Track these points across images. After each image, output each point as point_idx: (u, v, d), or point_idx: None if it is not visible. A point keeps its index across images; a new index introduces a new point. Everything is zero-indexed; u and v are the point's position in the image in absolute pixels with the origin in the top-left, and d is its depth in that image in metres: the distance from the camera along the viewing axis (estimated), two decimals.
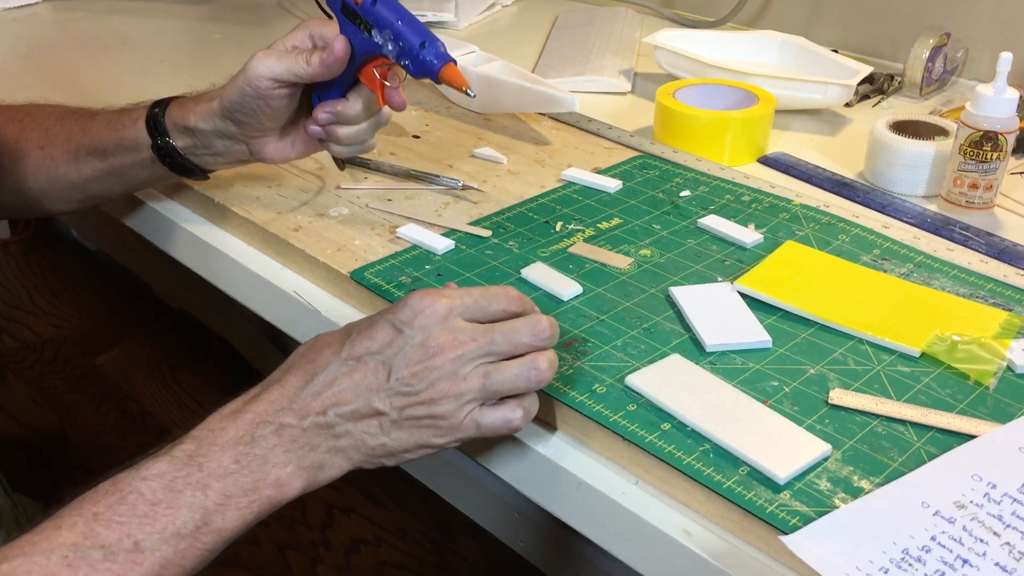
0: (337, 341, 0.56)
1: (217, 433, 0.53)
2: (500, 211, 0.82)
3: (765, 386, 0.61)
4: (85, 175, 0.78)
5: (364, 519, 1.61)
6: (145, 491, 0.51)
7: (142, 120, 0.75)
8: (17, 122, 0.80)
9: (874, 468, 0.55)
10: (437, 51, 0.65)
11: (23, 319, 2.11)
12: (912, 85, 1.12)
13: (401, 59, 0.66)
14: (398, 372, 0.55)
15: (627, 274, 0.73)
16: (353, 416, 0.55)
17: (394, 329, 0.55)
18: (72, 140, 0.77)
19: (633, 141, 0.95)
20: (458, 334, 0.55)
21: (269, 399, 0.55)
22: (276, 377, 0.56)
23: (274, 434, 0.54)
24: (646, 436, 0.57)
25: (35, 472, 1.73)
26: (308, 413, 0.55)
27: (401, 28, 0.65)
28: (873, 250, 0.77)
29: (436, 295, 0.56)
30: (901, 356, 0.64)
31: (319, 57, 0.68)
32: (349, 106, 0.71)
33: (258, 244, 0.80)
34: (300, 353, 0.57)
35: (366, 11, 0.66)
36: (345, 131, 0.72)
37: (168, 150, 0.75)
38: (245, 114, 0.71)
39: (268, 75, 0.69)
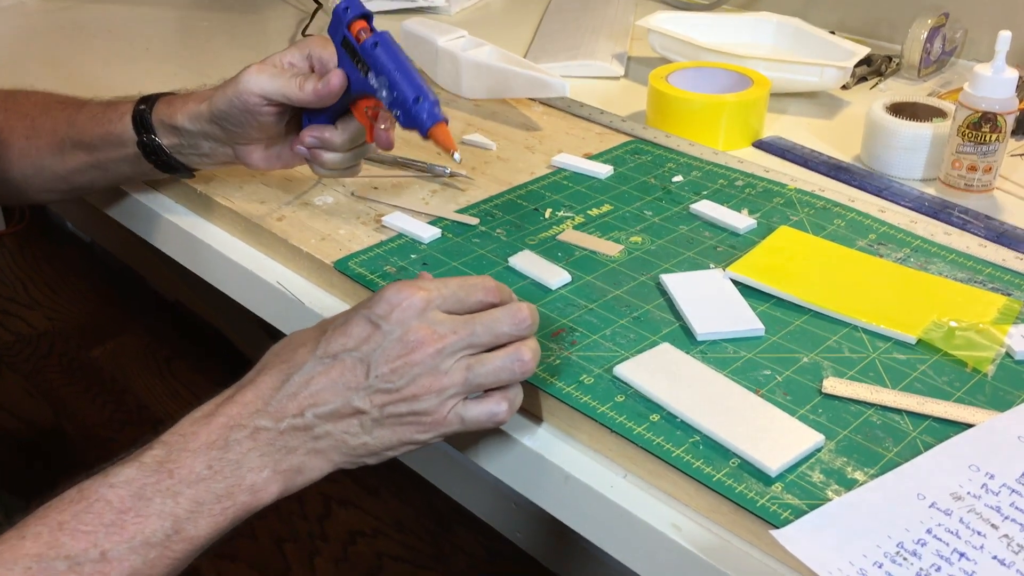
0: (312, 339, 0.55)
1: (189, 438, 0.52)
2: (488, 198, 0.80)
3: (757, 375, 0.60)
4: (70, 167, 0.77)
5: (361, 511, 1.60)
6: (112, 499, 0.49)
7: (128, 116, 0.73)
8: (3, 110, 0.78)
9: (868, 459, 0.53)
10: (430, 109, 0.64)
11: (18, 312, 2.10)
12: (910, 66, 1.10)
13: (393, 108, 0.65)
14: (377, 369, 0.53)
15: (617, 262, 0.71)
16: (332, 416, 0.53)
17: (370, 324, 0.53)
18: (58, 132, 0.76)
19: (625, 126, 0.94)
20: (437, 327, 0.53)
21: (243, 401, 0.53)
22: (250, 378, 0.54)
23: (249, 438, 0.52)
24: (634, 428, 0.55)
25: (30, 466, 1.72)
26: (284, 415, 0.53)
27: (398, 78, 0.64)
28: (869, 235, 0.75)
29: (413, 288, 0.54)
30: (897, 343, 0.63)
31: (313, 86, 0.67)
32: (336, 134, 0.70)
33: (241, 234, 0.79)
34: (274, 352, 0.56)
35: (366, 53, 0.65)
36: (330, 156, 0.71)
37: (153, 147, 0.74)
38: (232, 124, 0.70)
39: (259, 92, 0.68)
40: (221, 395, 0.54)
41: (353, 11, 0.66)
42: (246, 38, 1.23)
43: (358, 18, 0.66)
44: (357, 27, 0.66)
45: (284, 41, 1.21)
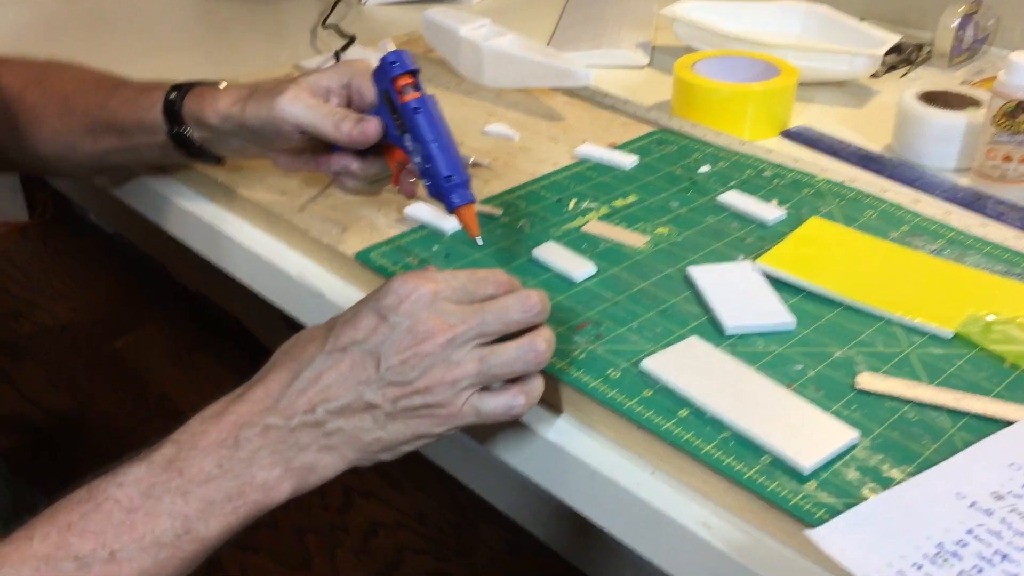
0: (321, 335, 0.54)
1: (198, 437, 0.51)
2: (511, 189, 0.79)
3: (788, 370, 0.58)
4: (102, 149, 0.77)
5: (383, 502, 1.60)
6: (121, 498, 0.48)
7: (160, 105, 0.73)
8: (37, 84, 0.78)
9: (905, 456, 0.52)
10: (461, 191, 0.63)
11: (41, 303, 2.10)
12: (941, 55, 1.08)
13: (423, 177, 0.64)
14: (387, 361, 0.52)
15: (643, 253, 0.70)
16: (344, 412, 0.52)
17: (378, 316, 0.52)
18: (90, 113, 0.76)
19: (650, 116, 0.92)
20: (446, 317, 0.52)
21: (253, 399, 0.52)
22: (259, 377, 0.54)
23: (259, 436, 0.51)
24: (662, 424, 0.54)
25: (52, 457, 1.72)
26: (295, 412, 0.52)
27: (434, 151, 0.63)
28: (902, 226, 0.73)
29: (420, 279, 0.53)
30: (933, 338, 0.61)
31: (348, 130, 0.66)
32: (363, 168, 0.69)
33: (262, 225, 0.78)
34: (283, 351, 0.55)
35: (406, 116, 0.64)
36: (353, 184, 0.71)
37: (183, 139, 0.73)
38: (262, 137, 0.70)
39: (293, 121, 0.67)
40: (231, 393, 0.53)
41: (400, 68, 0.64)
42: (267, 27, 1.22)
43: (405, 74, 0.64)
44: (402, 83, 0.64)
45: (305, 31, 1.20)
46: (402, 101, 0.63)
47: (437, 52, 1.04)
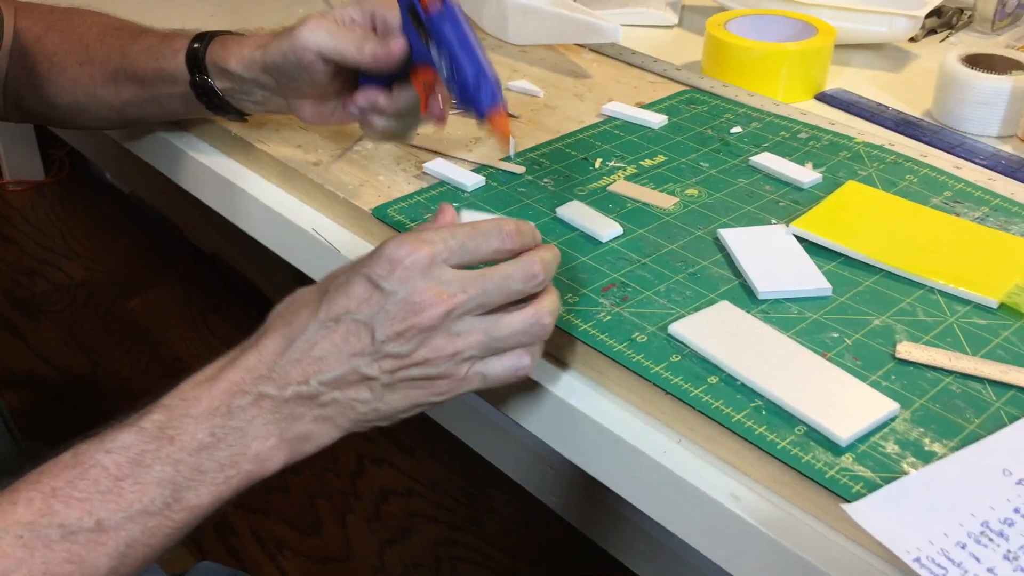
0: (315, 299, 0.51)
1: (191, 403, 0.48)
2: (535, 147, 0.76)
3: (824, 338, 0.55)
4: (123, 99, 0.74)
5: (395, 469, 1.58)
6: (109, 465, 0.46)
7: (182, 53, 0.70)
8: (57, 31, 0.76)
9: (948, 430, 0.49)
10: (490, 91, 0.60)
11: (56, 262, 2.09)
12: (983, 19, 1.03)
13: (451, 84, 0.61)
14: (381, 332, 0.49)
15: (672, 215, 0.67)
16: (339, 383, 0.50)
17: (371, 284, 0.49)
18: (111, 61, 0.73)
19: (680, 75, 0.89)
20: (445, 286, 0.49)
21: (246, 366, 0.49)
22: (252, 341, 0.51)
23: (253, 404, 0.49)
24: (691, 390, 0.52)
25: (64, 415, 1.72)
26: (289, 382, 0.49)
27: (460, 55, 0.60)
28: (944, 192, 0.70)
29: (415, 241, 0.49)
30: (977, 307, 0.58)
31: (372, 49, 0.63)
32: (390, 101, 0.66)
33: (277, 179, 0.75)
34: (277, 313, 0.52)
35: (431, 24, 0.61)
36: (381, 122, 0.67)
37: (206, 89, 0.70)
38: (286, 77, 0.66)
39: (315, 48, 0.64)
40: (224, 357, 0.51)
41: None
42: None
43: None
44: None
45: None
46: (427, 11, 0.61)
47: None
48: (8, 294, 2.00)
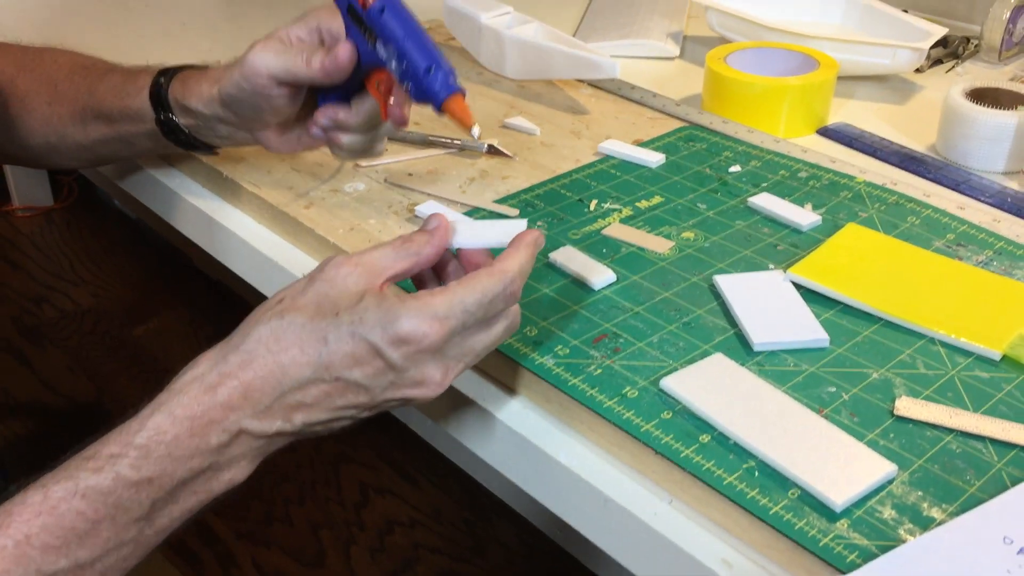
0: (309, 342, 0.49)
1: (171, 444, 0.47)
2: (530, 187, 0.75)
3: (821, 392, 0.54)
4: (92, 138, 0.74)
5: (399, 499, 1.57)
6: (86, 510, 0.46)
7: (146, 91, 0.69)
8: (28, 71, 0.75)
9: (947, 494, 0.47)
10: (444, 80, 0.57)
11: (63, 288, 2.09)
12: (990, 49, 1.02)
13: (404, 80, 0.58)
14: (382, 396, 0.50)
15: (667, 260, 0.66)
16: (324, 423, 0.51)
17: (378, 356, 0.49)
18: (79, 100, 0.73)
19: (679, 111, 0.87)
20: (448, 361, 0.50)
21: (228, 403, 0.48)
22: (232, 370, 0.49)
23: (233, 440, 0.49)
24: (682, 450, 0.50)
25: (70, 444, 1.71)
26: (273, 421, 0.49)
27: (407, 47, 0.57)
28: (947, 234, 0.68)
29: (432, 322, 0.48)
30: (979, 359, 0.56)
31: (320, 61, 0.62)
32: (351, 114, 0.65)
33: (267, 222, 0.74)
34: (260, 339, 0.49)
35: (372, 20, 0.58)
36: (347, 138, 0.66)
37: (172, 127, 0.70)
38: (245, 107, 0.65)
39: (265, 72, 0.63)
40: (201, 380, 0.49)
41: None
42: (284, 11, 1.18)
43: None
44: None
45: None
46: (365, 8, 0.58)
47: (458, 40, 1.00)
48: (16, 321, 2.00)
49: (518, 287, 0.51)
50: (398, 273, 0.51)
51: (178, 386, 0.49)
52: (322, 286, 0.50)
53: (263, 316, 0.50)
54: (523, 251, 0.52)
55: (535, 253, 0.52)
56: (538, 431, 0.55)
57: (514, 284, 0.51)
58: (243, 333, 0.50)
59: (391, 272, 0.51)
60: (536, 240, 0.53)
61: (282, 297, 0.51)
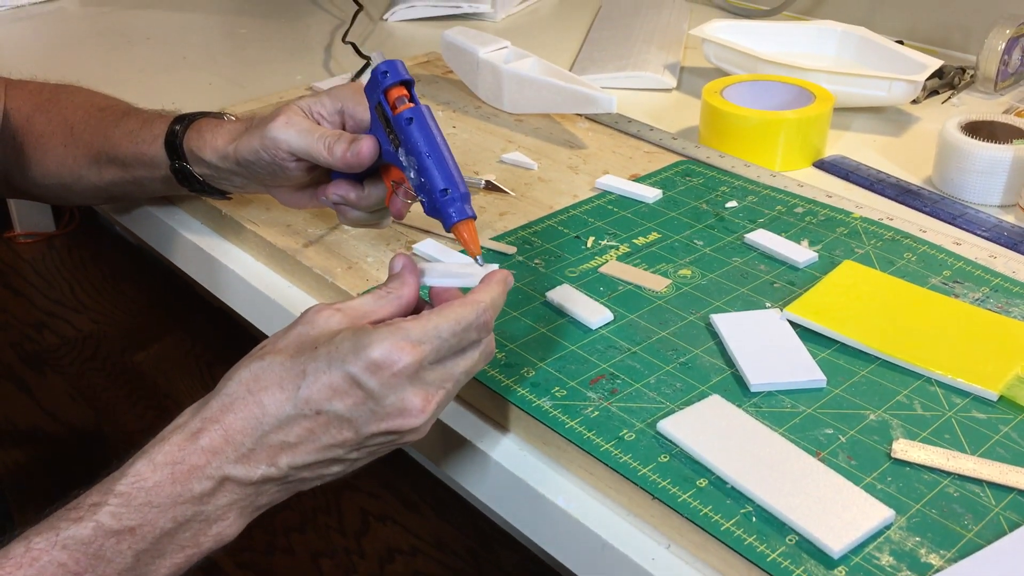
0: (289, 380, 0.49)
1: (151, 491, 0.47)
2: (527, 224, 0.75)
3: (818, 435, 0.54)
4: (106, 180, 0.75)
5: (400, 527, 1.56)
6: (67, 561, 0.45)
7: (161, 139, 0.70)
8: (45, 112, 0.76)
9: (945, 539, 0.47)
10: (458, 205, 0.57)
11: (64, 314, 2.10)
12: (986, 79, 1.02)
13: (419, 192, 0.59)
14: (366, 429, 0.49)
15: (664, 298, 0.66)
16: (311, 467, 0.50)
17: (355, 384, 0.48)
18: (94, 144, 0.74)
19: (676, 144, 0.88)
20: (428, 387, 0.50)
21: (211, 447, 0.48)
22: (214, 415, 0.49)
23: (217, 488, 0.48)
24: (679, 495, 0.50)
25: (69, 471, 1.71)
26: (257, 465, 0.49)
27: (428, 164, 0.58)
28: (943, 271, 0.69)
29: (405, 345, 0.48)
30: (976, 399, 0.56)
31: (342, 151, 0.62)
32: (361, 196, 0.65)
33: (265, 260, 0.74)
34: (241, 381, 0.49)
35: (399, 127, 0.59)
36: (355, 215, 0.66)
37: (186, 174, 0.70)
38: (260, 170, 0.66)
39: (286, 148, 0.63)
40: (183, 428, 0.48)
41: (392, 77, 0.59)
42: (284, 44, 1.19)
43: (397, 84, 0.59)
44: (395, 95, 0.60)
45: (322, 50, 1.17)
46: (394, 112, 0.59)
47: (456, 74, 1.00)
48: (17, 348, 2.00)
49: (490, 317, 0.51)
50: (381, 319, 0.52)
51: (162, 435, 0.49)
52: (303, 328, 0.51)
53: (245, 362, 0.51)
54: (495, 286, 0.52)
55: (506, 290, 0.53)
56: (535, 473, 0.55)
57: (486, 314, 0.51)
58: (226, 379, 0.50)
59: (374, 318, 0.51)
60: (506, 278, 0.53)
61: (264, 343, 0.52)
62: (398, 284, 0.53)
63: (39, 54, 1.18)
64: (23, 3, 1.34)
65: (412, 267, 0.54)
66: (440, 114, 0.95)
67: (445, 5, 1.27)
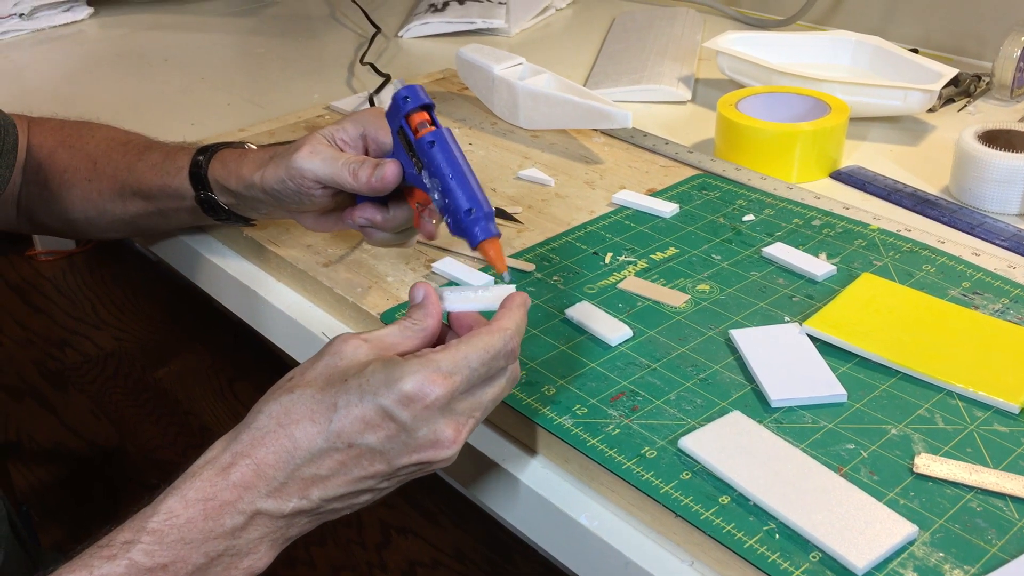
0: (321, 413, 0.49)
1: (184, 528, 0.47)
2: (545, 241, 0.76)
3: (839, 450, 0.54)
4: (131, 213, 0.76)
5: (421, 539, 1.57)
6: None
7: (186, 171, 0.71)
8: (67, 147, 0.77)
9: (969, 554, 0.47)
10: (484, 224, 0.58)
11: (86, 332, 2.12)
12: (1002, 87, 1.02)
13: (444, 213, 0.60)
14: (398, 461, 0.50)
15: (683, 313, 0.66)
16: (342, 498, 0.50)
17: (387, 417, 0.49)
18: (118, 178, 0.75)
19: (692, 158, 0.88)
20: (459, 418, 0.50)
21: (242, 482, 0.48)
22: (244, 449, 0.49)
23: (249, 522, 0.48)
24: (702, 512, 0.50)
25: (92, 487, 1.72)
26: (289, 498, 0.49)
27: (452, 186, 0.58)
28: (962, 282, 0.69)
29: (437, 377, 0.49)
30: (998, 412, 0.56)
31: (367, 177, 0.63)
32: (388, 219, 0.66)
33: (287, 280, 0.75)
34: (271, 415, 0.50)
35: (421, 151, 0.60)
36: (381, 236, 0.67)
37: (212, 204, 0.72)
38: (286, 198, 0.67)
39: (312, 177, 0.64)
40: (214, 463, 0.49)
41: (413, 102, 0.60)
42: (302, 64, 1.20)
43: (418, 109, 0.60)
44: (416, 119, 0.60)
45: (342, 68, 1.18)
46: (416, 137, 0.60)
47: (471, 91, 1.01)
48: (39, 366, 2.02)
49: (517, 344, 0.52)
50: (408, 350, 0.52)
51: (192, 470, 0.49)
52: (331, 359, 0.51)
53: (274, 394, 0.51)
54: (516, 311, 0.53)
55: (526, 313, 0.54)
56: (559, 492, 0.56)
57: (513, 341, 0.52)
58: (255, 412, 0.50)
59: (400, 350, 0.52)
60: (525, 302, 0.54)
61: (292, 375, 0.52)
62: (422, 315, 0.53)
63: (60, 76, 1.20)
64: (43, 27, 1.36)
65: (433, 296, 0.54)
66: (456, 131, 0.96)
67: (459, 21, 1.28)
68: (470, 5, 1.31)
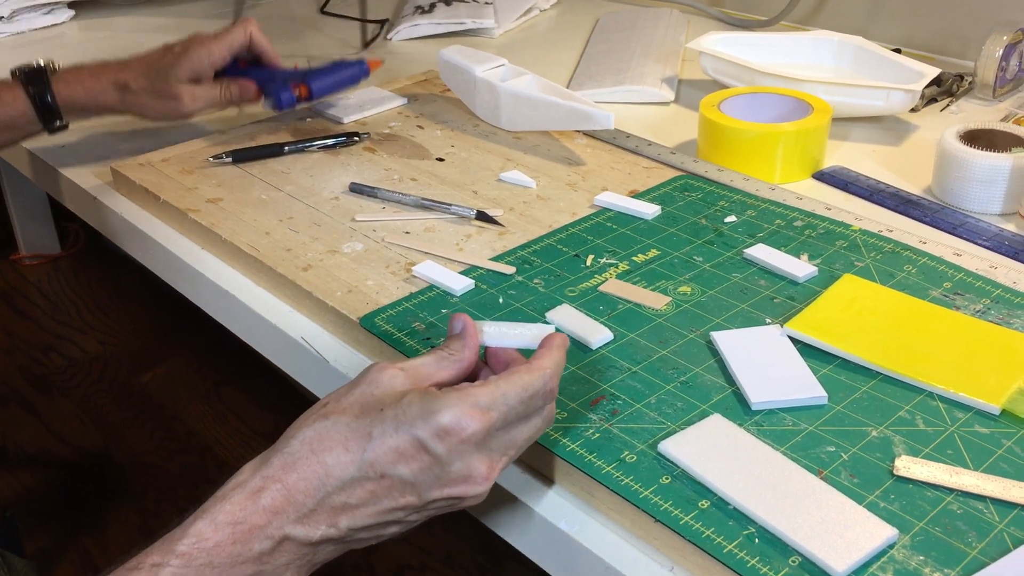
0: (355, 441, 0.48)
1: (212, 551, 0.46)
2: (527, 243, 0.75)
3: (819, 452, 0.54)
4: None
5: (409, 543, 1.56)
6: None
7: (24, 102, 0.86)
8: None
9: (949, 557, 0.47)
10: None
11: (71, 336, 2.10)
12: (984, 86, 1.02)
13: None
14: (429, 494, 0.49)
15: (664, 316, 0.66)
16: (370, 528, 0.49)
17: (422, 449, 0.48)
18: None
19: (674, 159, 0.88)
20: (493, 454, 0.50)
21: (272, 507, 0.47)
22: (275, 473, 0.48)
23: (276, 548, 0.47)
24: (681, 517, 0.50)
25: (78, 493, 1.71)
26: (318, 526, 0.48)
27: None
28: (944, 283, 0.68)
29: (475, 413, 0.48)
30: (978, 413, 0.56)
31: None
32: None
33: (266, 284, 0.75)
34: (304, 440, 0.49)
35: None
36: None
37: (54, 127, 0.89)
38: None
39: None
40: (244, 487, 0.48)
41: None
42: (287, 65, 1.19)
43: None
44: None
45: None
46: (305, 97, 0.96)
47: (454, 92, 1.01)
48: (24, 371, 2.01)
49: (555, 385, 0.52)
50: (443, 381, 0.52)
51: (222, 492, 0.48)
52: (367, 387, 0.50)
53: (307, 420, 0.50)
54: (555, 352, 0.52)
55: (565, 354, 0.53)
56: (538, 497, 0.55)
57: (552, 381, 0.51)
58: (287, 437, 0.50)
59: (436, 380, 0.51)
60: (564, 342, 0.53)
61: (327, 401, 0.51)
62: (460, 347, 0.53)
63: None
64: (24, 29, 1.35)
65: (472, 329, 0.53)
66: (438, 134, 0.96)
67: (449, 22, 1.28)
68: (457, 6, 1.31)
